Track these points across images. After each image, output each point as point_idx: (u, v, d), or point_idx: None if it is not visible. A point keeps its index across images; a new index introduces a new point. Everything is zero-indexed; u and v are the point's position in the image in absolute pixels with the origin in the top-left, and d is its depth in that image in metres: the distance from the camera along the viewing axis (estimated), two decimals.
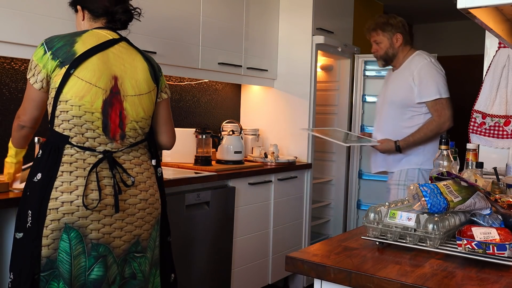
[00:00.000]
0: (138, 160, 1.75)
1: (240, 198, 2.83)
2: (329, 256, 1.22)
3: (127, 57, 1.75)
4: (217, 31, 3.05)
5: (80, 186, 1.59)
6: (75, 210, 1.58)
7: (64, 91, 1.61)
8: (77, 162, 1.61)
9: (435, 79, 2.78)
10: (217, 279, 2.70)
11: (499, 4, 1.17)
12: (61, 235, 1.57)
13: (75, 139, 1.62)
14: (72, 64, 1.61)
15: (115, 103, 1.68)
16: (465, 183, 1.38)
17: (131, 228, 1.70)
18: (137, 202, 1.72)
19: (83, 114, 1.62)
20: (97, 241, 1.62)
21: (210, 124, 3.51)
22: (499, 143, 2.73)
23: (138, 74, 1.76)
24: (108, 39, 1.72)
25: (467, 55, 6.21)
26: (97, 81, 1.64)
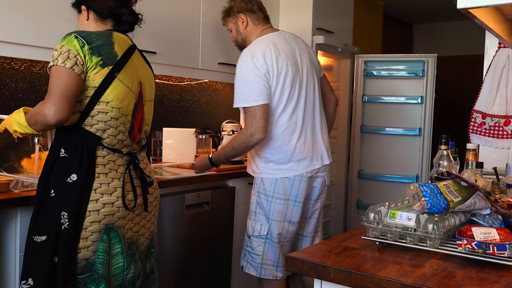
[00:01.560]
0: (146, 160, 1.83)
1: (240, 198, 2.83)
2: (329, 256, 1.22)
3: (141, 62, 1.81)
4: (217, 31, 3.05)
5: (118, 188, 1.63)
6: (115, 211, 1.62)
7: (107, 92, 1.61)
8: (109, 164, 1.63)
9: (244, 83, 2.25)
10: (217, 279, 2.70)
11: (499, 4, 1.18)
12: (101, 236, 1.59)
13: (107, 140, 1.63)
14: (116, 66, 1.63)
15: (140, 108, 1.75)
16: (465, 183, 1.38)
17: (150, 225, 1.80)
18: (153, 200, 1.81)
19: (120, 116, 1.66)
20: (131, 239, 1.69)
21: (210, 124, 3.51)
22: (499, 143, 2.73)
23: (151, 80, 1.86)
24: (130, 44, 1.77)
25: (467, 55, 6.22)
26: (132, 85, 1.70)
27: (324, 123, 2.49)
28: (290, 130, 2.30)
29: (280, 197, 2.30)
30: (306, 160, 2.34)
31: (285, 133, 2.29)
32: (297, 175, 2.31)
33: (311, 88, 2.40)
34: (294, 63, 2.32)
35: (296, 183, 2.31)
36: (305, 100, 2.35)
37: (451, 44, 6.52)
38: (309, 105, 2.37)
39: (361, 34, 4.83)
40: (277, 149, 2.29)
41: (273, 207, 2.30)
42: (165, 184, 2.31)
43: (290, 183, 2.31)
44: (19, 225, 1.77)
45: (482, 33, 2.78)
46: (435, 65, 3.72)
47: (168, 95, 3.20)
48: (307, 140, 2.35)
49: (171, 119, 3.23)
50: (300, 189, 2.32)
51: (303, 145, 2.33)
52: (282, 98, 2.27)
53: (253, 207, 2.37)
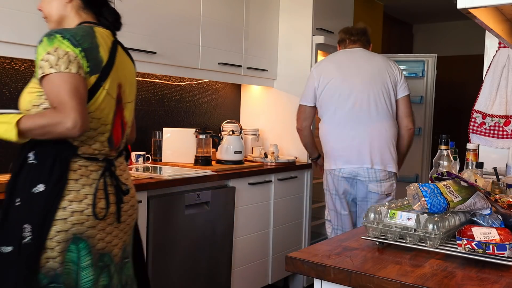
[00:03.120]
0: (123, 166, 1.69)
1: (240, 198, 2.83)
2: (329, 256, 1.22)
3: (123, 60, 1.66)
4: (217, 31, 3.05)
5: (89, 195, 1.50)
6: (85, 220, 1.49)
7: (90, 103, 1.48)
8: (81, 169, 1.51)
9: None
10: (217, 279, 2.70)
11: (499, 4, 1.18)
12: (68, 246, 1.47)
13: (82, 149, 1.51)
14: (103, 75, 1.51)
15: (119, 112, 1.62)
16: (465, 183, 1.38)
17: (123, 235, 1.65)
18: (128, 209, 1.66)
19: (99, 126, 1.54)
20: (103, 250, 1.55)
21: (210, 124, 3.51)
22: (499, 143, 2.73)
23: (132, 78, 1.71)
24: (111, 40, 1.61)
25: (467, 55, 6.22)
26: (113, 91, 1.57)
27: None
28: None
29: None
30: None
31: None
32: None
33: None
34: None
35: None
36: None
37: (451, 44, 6.52)
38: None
39: None
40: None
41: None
42: (165, 184, 2.31)
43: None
44: None
45: (482, 33, 2.78)
46: (435, 65, 3.73)
47: (168, 95, 3.20)
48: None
49: (171, 119, 3.23)
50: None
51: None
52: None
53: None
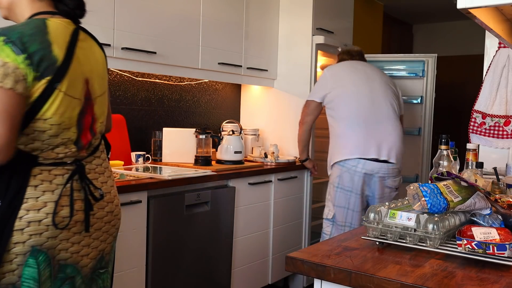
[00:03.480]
0: (101, 168, 1.53)
1: (240, 198, 2.83)
2: (329, 256, 1.22)
3: (89, 51, 1.49)
4: (217, 31, 3.05)
5: (50, 202, 1.34)
6: (44, 230, 1.33)
7: (44, 108, 1.32)
8: (42, 174, 1.36)
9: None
10: (217, 279, 2.70)
11: (499, 4, 1.18)
12: (25, 260, 1.32)
13: (44, 155, 1.36)
14: (57, 76, 1.34)
15: (88, 110, 1.46)
16: (465, 183, 1.38)
17: (97, 244, 1.50)
18: (103, 216, 1.51)
19: (61, 132, 1.38)
20: (65, 261, 1.40)
21: (210, 124, 3.51)
22: (499, 143, 2.73)
23: (101, 70, 1.54)
24: (70, 32, 1.43)
25: (467, 55, 6.22)
26: (75, 91, 1.40)
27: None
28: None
29: None
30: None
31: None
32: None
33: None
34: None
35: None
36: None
37: (451, 44, 6.52)
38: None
39: (361, 34, 4.83)
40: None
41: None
42: (165, 184, 2.31)
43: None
44: None
45: (482, 33, 2.78)
46: (435, 65, 3.72)
47: (168, 95, 3.20)
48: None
49: (171, 119, 3.23)
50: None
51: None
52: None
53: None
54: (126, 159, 2.64)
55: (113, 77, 2.85)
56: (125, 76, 2.91)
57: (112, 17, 2.43)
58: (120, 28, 2.46)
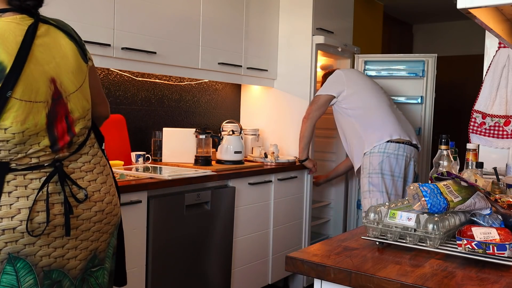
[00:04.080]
0: (90, 165, 1.46)
1: (240, 198, 2.83)
2: (329, 256, 1.22)
3: (54, 47, 1.38)
4: (217, 31, 3.05)
5: (23, 209, 1.30)
6: (19, 237, 1.29)
7: (2, 118, 1.25)
8: (16, 180, 1.31)
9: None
10: (217, 279, 2.70)
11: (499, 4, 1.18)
12: (3, 268, 1.29)
13: (17, 161, 1.31)
14: (6, 84, 1.24)
15: (60, 111, 1.37)
16: (465, 183, 1.38)
17: (87, 244, 1.46)
18: (92, 216, 1.45)
19: (27, 139, 1.31)
20: (49, 267, 1.37)
21: (210, 124, 3.51)
22: (499, 143, 2.73)
23: (71, 64, 1.42)
24: (25, 29, 1.32)
25: (467, 55, 6.22)
26: (36, 95, 1.30)
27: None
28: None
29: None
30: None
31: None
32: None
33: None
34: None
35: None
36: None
37: (451, 44, 6.52)
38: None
39: (361, 34, 4.83)
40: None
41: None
42: (165, 184, 2.31)
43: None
44: None
45: (482, 33, 2.78)
46: (435, 65, 3.72)
47: (168, 95, 3.20)
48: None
49: (171, 119, 3.23)
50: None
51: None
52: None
53: None
54: (126, 159, 2.64)
55: (113, 77, 2.85)
56: (125, 76, 2.91)
57: (112, 17, 2.43)
58: (120, 28, 2.46)
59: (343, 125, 3.09)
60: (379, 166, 2.85)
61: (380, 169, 2.85)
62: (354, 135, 3.01)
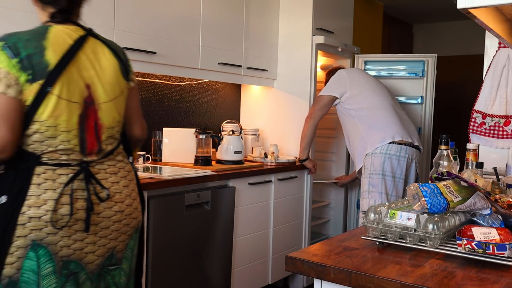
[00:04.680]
0: (114, 168, 1.58)
1: (240, 198, 2.83)
2: (329, 256, 1.22)
3: (97, 59, 1.55)
4: (217, 31, 3.05)
5: (50, 200, 1.42)
6: (43, 226, 1.41)
7: (39, 111, 1.41)
8: (46, 173, 1.44)
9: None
10: (217, 279, 2.70)
11: (499, 4, 1.18)
12: (26, 253, 1.40)
13: (47, 156, 1.44)
14: (48, 80, 1.40)
15: (90, 115, 1.51)
16: (465, 183, 1.38)
17: (105, 242, 1.55)
18: (111, 215, 1.55)
19: (59, 134, 1.45)
20: (68, 258, 1.46)
21: (210, 124, 3.51)
22: (499, 143, 2.73)
23: (109, 76, 1.57)
24: (75, 38, 1.50)
25: (467, 55, 6.22)
26: (72, 95, 1.46)
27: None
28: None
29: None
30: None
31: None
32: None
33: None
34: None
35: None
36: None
37: (451, 44, 6.52)
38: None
39: (361, 34, 4.83)
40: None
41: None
42: (165, 184, 2.31)
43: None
44: None
45: (482, 33, 2.78)
46: (435, 65, 3.72)
47: (168, 95, 3.20)
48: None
49: (171, 119, 3.23)
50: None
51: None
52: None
53: None
54: None
55: None
56: None
57: (112, 17, 2.43)
58: (120, 28, 2.46)
59: (346, 125, 3.09)
60: (381, 167, 2.85)
61: (381, 170, 2.85)
62: (357, 135, 3.01)
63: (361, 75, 3.18)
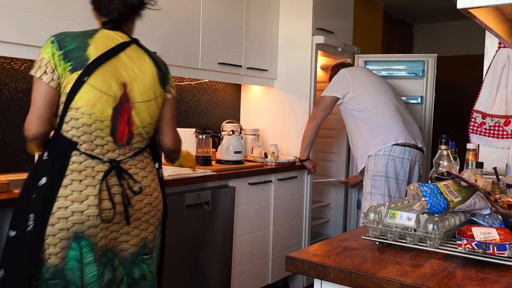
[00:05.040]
0: (143, 164, 1.73)
1: (240, 198, 2.83)
2: (329, 256, 1.22)
3: (137, 62, 1.71)
4: (217, 31, 3.05)
5: (91, 196, 1.57)
6: (85, 220, 1.56)
7: (76, 98, 1.57)
8: (86, 170, 1.58)
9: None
10: (217, 279, 2.70)
11: (499, 4, 1.18)
12: (70, 244, 1.56)
13: (84, 146, 1.59)
14: (86, 71, 1.57)
15: (123, 111, 1.65)
16: (465, 183, 1.38)
17: (138, 232, 1.71)
18: (142, 207, 1.71)
19: (93, 122, 1.59)
20: (106, 247, 1.63)
21: (210, 124, 3.51)
22: (499, 143, 2.73)
23: (146, 80, 1.72)
24: (119, 42, 1.68)
25: (467, 55, 6.22)
26: (108, 89, 1.61)
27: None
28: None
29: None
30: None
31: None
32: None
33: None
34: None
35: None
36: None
37: (451, 44, 6.52)
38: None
39: (361, 34, 4.83)
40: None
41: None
42: (165, 184, 2.31)
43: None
44: None
45: (482, 33, 2.78)
46: (435, 65, 3.72)
47: None
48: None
49: None
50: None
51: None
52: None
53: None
54: None
55: None
56: None
57: None
58: None
59: (349, 125, 3.07)
60: (384, 169, 2.83)
61: (384, 172, 2.83)
62: (360, 135, 2.98)
63: (364, 74, 3.13)
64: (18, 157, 2.36)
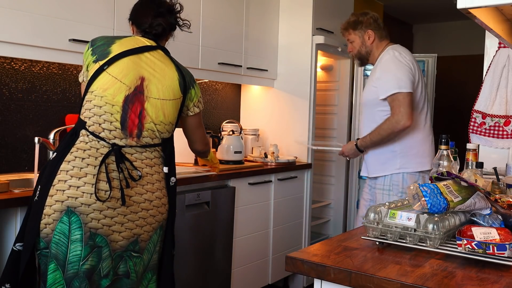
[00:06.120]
0: (150, 162, 1.76)
1: (240, 198, 2.83)
2: (329, 256, 1.22)
3: (159, 64, 1.82)
4: (217, 31, 3.05)
5: (89, 174, 1.62)
6: (79, 196, 1.60)
7: (94, 84, 1.71)
8: (90, 150, 1.65)
9: (393, 73, 2.43)
10: (217, 279, 2.70)
11: (499, 4, 1.18)
12: (61, 216, 1.59)
13: (92, 127, 1.68)
14: (107, 61, 1.72)
15: (136, 102, 1.73)
16: (465, 183, 1.38)
17: (132, 226, 1.69)
18: (141, 201, 1.71)
19: (104, 104, 1.69)
20: (96, 230, 1.61)
21: (210, 124, 3.51)
22: (499, 143, 2.73)
23: (166, 80, 1.81)
24: (145, 45, 1.81)
25: (467, 55, 6.22)
26: (123, 77, 1.72)
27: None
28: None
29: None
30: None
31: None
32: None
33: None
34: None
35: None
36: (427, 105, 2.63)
37: (451, 44, 6.51)
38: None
39: None
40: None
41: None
42: None
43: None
44: (19, 224, 1.77)
45: (482, 33, 2.78)
46: (435, 65, 3.73)
47: None
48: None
49: None
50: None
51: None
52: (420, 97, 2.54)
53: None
54: None
55: None
56: None
57: (112, 17, 2.43)
58: (120, 29, 2.46)
59: (377, 119, 2.51)
60: (402, 188, 2.47)
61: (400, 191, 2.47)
62: (401, 143, 2.49)
63: (419, 70, 2.57)
64: (18, 157, 2.36)
